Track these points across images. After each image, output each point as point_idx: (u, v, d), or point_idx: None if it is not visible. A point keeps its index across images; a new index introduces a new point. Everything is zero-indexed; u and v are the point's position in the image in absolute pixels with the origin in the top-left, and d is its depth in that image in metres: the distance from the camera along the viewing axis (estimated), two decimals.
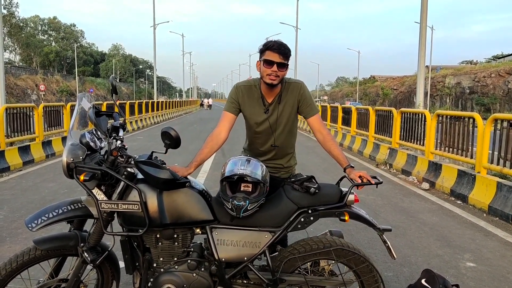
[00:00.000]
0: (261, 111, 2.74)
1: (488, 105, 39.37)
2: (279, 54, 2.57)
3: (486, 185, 6.14)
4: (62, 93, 56.80)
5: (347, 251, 2.46)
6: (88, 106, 2.53)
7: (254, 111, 2.76)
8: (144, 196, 2.37)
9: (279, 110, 2.73)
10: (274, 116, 2.74)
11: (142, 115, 22.58)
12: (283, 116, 2.75)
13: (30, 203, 6.02)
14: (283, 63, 2.59)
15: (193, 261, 2.47)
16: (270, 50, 2.59)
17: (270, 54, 2.58)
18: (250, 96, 2.76)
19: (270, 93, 2.73)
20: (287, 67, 2.64)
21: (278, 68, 2.58)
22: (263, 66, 2.61)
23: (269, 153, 2.85)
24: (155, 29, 38.60)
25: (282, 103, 2.74)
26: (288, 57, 2.61)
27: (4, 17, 57.03)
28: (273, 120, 2.74)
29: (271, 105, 2.74)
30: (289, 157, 2.94)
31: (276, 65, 2.57)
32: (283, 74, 2.64)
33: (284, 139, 2.83)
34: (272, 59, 2.57)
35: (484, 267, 4.00)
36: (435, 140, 8.13)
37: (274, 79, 2.61)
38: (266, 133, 2.78)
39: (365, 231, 4.73)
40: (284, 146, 2.85)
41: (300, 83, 2.81)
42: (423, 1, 13.47)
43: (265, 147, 2.83)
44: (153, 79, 47.03)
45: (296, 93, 2.75)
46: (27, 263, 2.39)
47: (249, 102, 2.76)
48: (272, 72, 2.59)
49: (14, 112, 9.48)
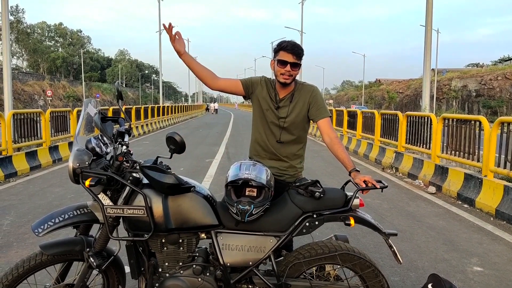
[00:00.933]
0: (272, 105, 2.81)
1: (495, 108, 39.15)
2: (292, 54, 2.66)
3: (493, 188, 6.10)
4: (69, 98, 57.22)
5: (352, 256, 2.45)
6: (94, 112, 2.55)
7: (266, 101, 2.83)
8: (149, 201, 2.38)
9: (289, 108, 2.79)
10: (284, 112, 2.79)
11: (148, 120, 22.67)
12: (292, 114, 2.79)
13: (37, 208, 6.05)
14: (296, 63, 2.68)
15: (198, 266, 2.47)
16: (284, 50, 2.68)
17: (284, 55, 2.67)
18: (266, 88, 2.85)
19: (283, 90, 2.82)
20: (300, 67, 2.74)
21: (292, 68, 2.68)
22: (277, 66, 2.71)
23: (273, 152, 2.85)
24: (160, 34, 38.86)
25: (293, 102, 2.80)
26: (301, 57, 2.71)
27: (12, 24, 57.64)
28: (283, 115, 2.79)
29: (282, 101, 2.81)
30: (295, 162, 2.93)
31: (290, 65, 2.67)
32: (296, 73, 2.73)
33: (291, 139, 2.85)
34: (285, 59, 2.67)
35: (491, 272, 3.97)
36: (441, 143, 8.09)
37: (287, 78, 2.70)
38: (273, 124, 2.82)
39: (371, 235, 4.70)
40: (289, 145, 2.86)
41: (313, 87, 2.89)
42: (428, 4, 13.46)
43: (270, 141, 2.85)
44: (159, 84, 47.26)
45: (308, 95, 2.82)
46: (34, 268, 2.40)
47: (264, 93, 2.84)
48: (286, 72, 2.69)
49: (21, 118, 9.57)
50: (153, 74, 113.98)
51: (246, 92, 2.87)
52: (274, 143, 2.85)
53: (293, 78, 2.75)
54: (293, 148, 2.90)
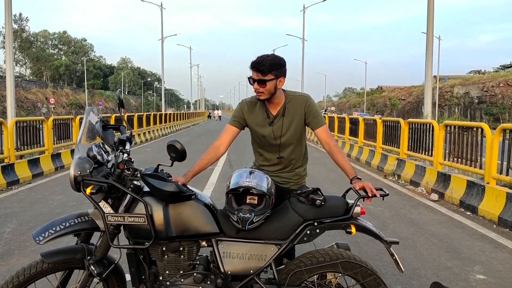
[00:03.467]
0: (266, 123, 2.78)
1: (497, 115, 39.09)
2: (255, 71, 2.63)
3: (495, 196, 6.07)
4: (72, 106, 57.41)
5: (354, 264, 2.44)
6: (96, 120, 2.56)
7: (259, 123, 2.79)
8: (150, 209, 2.38)
9: (284, 122, 2.76)
10: (279, 127, 2.76)
11: (150, 127, 22.72)
12: (288, 127, 2.77)
13: (39, 215, 6.06)
14: (261, 80, 2.61)
15: (199, 274, 2.47)
16: (251, 68, 2.66)
17: (252, 73, 2.66)
18: (254, 110, 2.81)
19: (273, 105, 2.77)
20: (274, 79, 2.63)
21: (259, 85, 2.63)
22: (250, 85, 2.71)
23: (277, 165, 2.86)
24: (163, 42, 39.05)
25: (287, 115, 2.76)
26: (264, 72, 2.60)
27: (15, 32, 58.01)
28: (278, 131, 2.76)
29: (276, 118, 2.77)
30: (300, 169, 2.93)
31: (256, 83, 2.63)
32: (268, 89, 2.63)
33: (291, 151, 2.84)
34: (251, 78, 2.66)
35: (494, 280, 3.94)
36: (443, 150, 8.07)
37: (259, 94, 2.67)
38: (271, 145, 2.81)
39: (373, 243, 4.68)
40: (291, 157, 2.86)
41: (306, 96, 2.84)
42: (429, 11, 13.50)
43: (272, 159, 2.85)
44: (161, 91, 47.42)
45: (303, 105, 2.77)
46: (34, 277, 2.39)
47: (254, 115, 2.80)
48: (255, 89, 2.66)
49: (24, 126, 9.60)
50: (156, 81, 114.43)
51: (243, 126, 2.86)
52: (276, 160, 2.85)
53: (269, 93, 2.65)
54: (296, 160, 2.90)
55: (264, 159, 2.90)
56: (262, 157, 2.91)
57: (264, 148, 2.86)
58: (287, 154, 2.83)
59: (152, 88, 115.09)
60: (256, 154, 2.98)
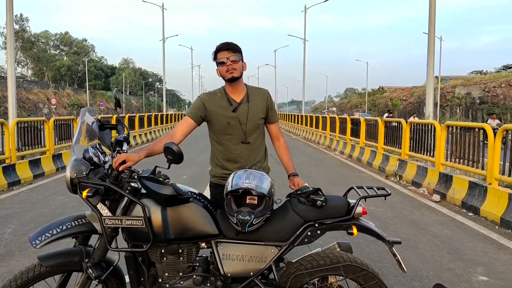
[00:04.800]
0: (229, 110, 2.79)
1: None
2: (227, 50, 2.73)
3: (498, 196, 6.04)
4: (73, 106, 57.46)
5: (355, 267, 2.41)
6: (92, 120, 2.53)
7: (221, 111, 2.80)
8: (148, 211, 2.34)
9: (248, 108, 2.81)
10: (244, 113, 2.79)
11: (151, 128, 22.72)
12: (252, 113, 2.82)
13: (40, 216, 6.05)
14: (234, 57, 2.73)
15: (198, 276, 2.44)
16: (219, 51, 2.74)
17: (220, 55, 2.74)
18: (215, 100, 2.83)
19: (237, 93, 2.83)
20: (241, 61, 2.78)
21: (232, 62, 2.72)
22: (220, 68, 2.76)
23: (242, 155, 2.82)
24: (164, 43, 39.07)
25: (251, 102, 2.83)
26: (236, 51, 2.75)
27: (16, 32, 58.11)
28: (243, 116, 2.79)
29: (240, 104, 2.81)
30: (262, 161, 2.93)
31: (229, 60, 2.72)
32: (239, 66, 2.75)
33: (256, 138, 2.87)
34: (223, 57, 2.73)
35: (497, 281, 3.91)
36: (445, 151, 8.04)
37: (232, 71, 2.73)
38: (236, 131, 2.80)
39: (374, 243, 4.66)
40: (255, 145, 2.87)
41: (266, 90, 2.97)
42: (431, 12, 13.46)
43: (237, 146, 2.82)
44: (162, 92, 47.45)
45: (265, 98, 2.89)
46: (32, 280, 2.37)
47: (215, 105, 2.82)
48: (228, 67, 2.72)
49: (25, 126, 9.60)
50: (157, 82, 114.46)
51: (201, 120, 2.84)
52: (241, 147, 2.81)
53: (240, 72, 2.75)
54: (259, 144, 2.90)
55: (228, 149, 2.82)
56: (226, 147, 2.83)
57: (228, 136, 2.81)
58: (253, 140, 2.84)
59: (153, 88, 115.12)
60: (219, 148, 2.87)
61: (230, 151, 2.84)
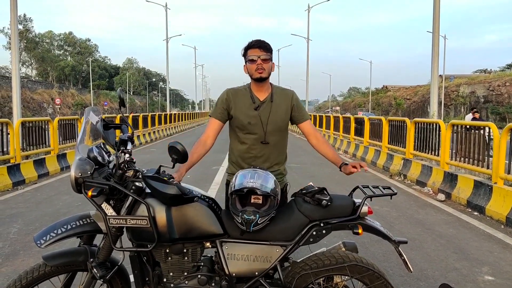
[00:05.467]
0: (251, 108, 2.76)
1: (503, 114, 38.80)
2: (259, 49, 2.69)
3: (503, 196, 6.00)
4: (77, 106, 57.69)
5: (361, 267, 2.39)
6: (96, 120, 2.53)
7: (244, 109, 2.77)
8: (152, 211, 2.34)
9: (272, 108, 2.77)
10: (266, 113, 2.76)
11: (155, 127, 22.75)
12: (275, 114, 2.78)
13: (45, 216, 6.06)
14: (266, 57, 2.69)
15: (203, 276, 2.43)
16: (251, 48, 2.70)
17: (252, 52, 2.69)
18: (239, 97, 2.80)
19: (262, 91, 2.79)
20: (271, 60, 2.74)
21: (262, 61, 2.68)
22: (249, 65, 2.71)
23: (260, 155, 2.79)
24: (167, 43, 39.11)
25: (275, 102, 2.79)
26: (268, 50, 2.71)
27: (21, 33, 58.29)
28: (265, 116, 2.76)
29: (263, 103, 2.78)
30: (283, 162, 2.91)
31: (260, 59, 2.68)
32: (268, 67, 2.72)
33: (276, 140, 2.82)
34: (254, 55, 2.68)
35: (503, 281, 3.88)
36: (450, 150, 8.00)
37: (261, 71, 2.68)
38: (256, 130, 2.76)
39: (380, 243, 4.64)
40: (275, 147, 2.82)
41: (292, 91, 2.91)
42: (435, 11, 13.40)
43: (256, 146, 2.78)
44: (166, 91, 47.52)
45: (290, 99, 2.84)
46: (37, 280, 2.37)
47: (239, 102, 2.79)
48: (258, 66, 2.68)
49: (29, 126, 9.64)
50: (160, 81, 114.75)
51: (226, 117, 2.82)
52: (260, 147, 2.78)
53: (268, 73, 2.72)
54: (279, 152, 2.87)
55: (247, 147, 2.79)
56: (244, 146, 2.80)
57: (248, 135, 2.78)
58: (272, 141, 2.80)
59: (157, 88, 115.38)
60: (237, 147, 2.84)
61: (248, 150, 2.81)
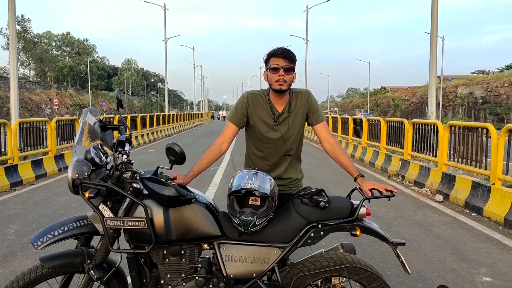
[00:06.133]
0: (271, 121, 2.70)
1: (501, 115, 38.87)
2: (283, 58, 2.58)
3: (501, 197, 6.01)
4: (76, 107, 57.57)
5: (359, 269, 2.39)
6: (93, 121, 2.52)
7: (263, 121, 2.71)
8: (150, 212, 2.33)
9: (290, 120, 2.71)
10: (285, 126, 2.70)
11: (153, 128, 22.71)
12: (294, 125, 2.72)
13: (42, 217, 6.04)
14: (289, 67, 2.58)
15: (201, 277, 2.43)
16: (275, 56, 2.59)
17: (275, 60, 2.59)
18: (259, 106, 2.72)
19: (280, 102, 2.70)
20: (294, 71, 2.63)
21: (285, 72, 2.58)
22: (270, 73, 2.62)
23: (282, 164, 2.78)
24: (166, 43, 39.08)
25: (292, 113, 2.71)
26: (293, 61, 2.60)
27: (19, 33, 58.22)
28: (285, 130, 2.70)
29: (282, 115, 2.70)
30: (299, 168, 2.91)
31: (283, 70, 2.57)
32: (290, 79, 2.62)
33: (296, 149, 2.81)
34: (277, 64, 2.58)
35: (501, 282, 3.88)
36: (448, 151, 8.01)
37: (282, 83, 2.59)
38: (277, 143, 2.72)
39: (377, 244, 4.64)
40: (296, 156, 2.83)
41: (307, 91, 2.80)
42: (433, 12, 13.42)
43: (277, 157, 2.76)
44: (164, 92, 47.47)
45: (305, 101, 2.74)
46: (34, 281, 2.36)
47: (258, 111, 2.71)
48: (280, 77, 2.58)
49: (27, 127, 9.60)
50: (159, 82, 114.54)
51: (244, 123, 2.76)
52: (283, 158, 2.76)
53: (289, 85, 2.62)
54: (298, 158, 2.87)
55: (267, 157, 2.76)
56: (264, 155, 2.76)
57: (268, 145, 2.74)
58: (294, 152, 2.79)
59: (155, 89, 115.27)
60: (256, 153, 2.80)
61: (267, 159, 2.78)
